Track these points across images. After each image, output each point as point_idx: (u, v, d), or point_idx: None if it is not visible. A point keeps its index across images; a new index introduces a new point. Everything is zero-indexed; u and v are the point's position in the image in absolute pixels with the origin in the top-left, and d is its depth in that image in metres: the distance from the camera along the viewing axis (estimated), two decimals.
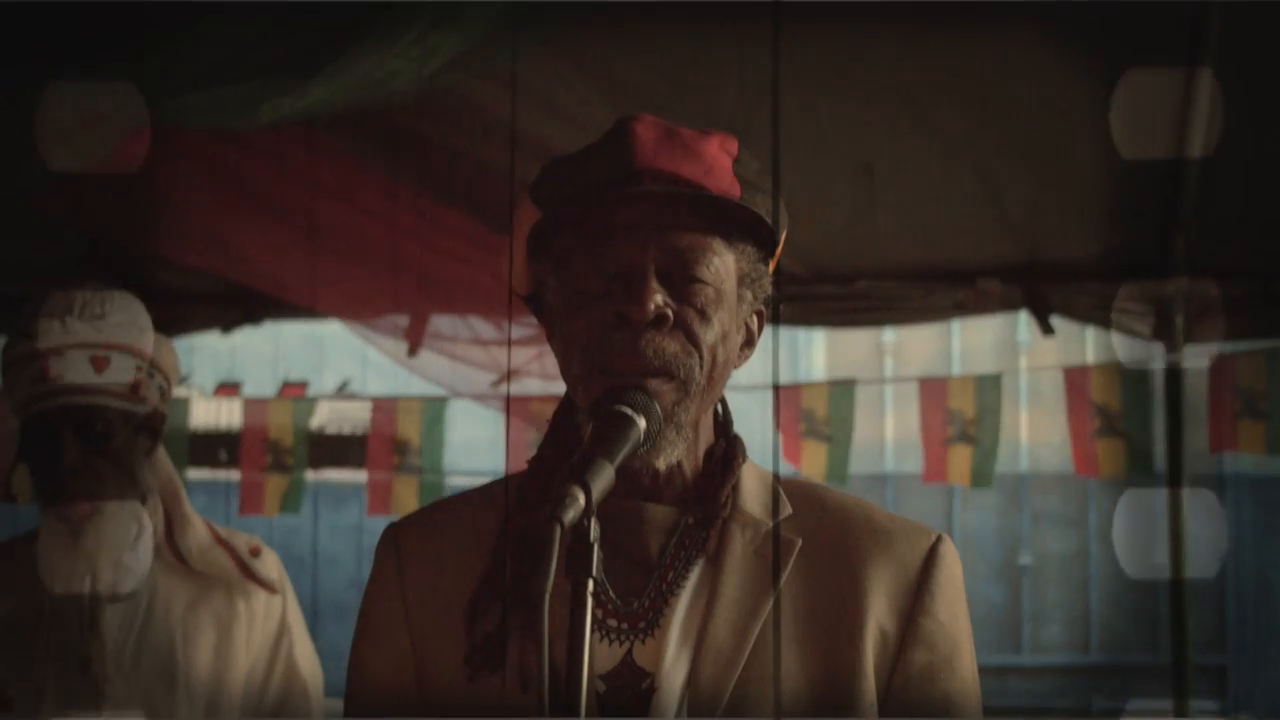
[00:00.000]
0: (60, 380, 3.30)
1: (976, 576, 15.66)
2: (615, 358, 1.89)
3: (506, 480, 2.07)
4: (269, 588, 3.50)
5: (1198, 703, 6.29)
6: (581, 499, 1.70)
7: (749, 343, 2.05)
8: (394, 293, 5.32)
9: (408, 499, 5.93)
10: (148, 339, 3.42)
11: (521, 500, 1.98)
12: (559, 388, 2.02)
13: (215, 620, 3.45)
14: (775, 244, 2.02)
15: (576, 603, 1.67)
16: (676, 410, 1.92)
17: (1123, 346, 5.91)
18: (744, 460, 2.04)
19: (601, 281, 1.92)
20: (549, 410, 2.07)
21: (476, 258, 4.87)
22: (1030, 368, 13.90)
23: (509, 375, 5.41)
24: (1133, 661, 15.18)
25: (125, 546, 3.37)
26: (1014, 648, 15.50)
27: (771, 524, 2.00)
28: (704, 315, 1.93)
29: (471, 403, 5.79)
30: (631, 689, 1.89)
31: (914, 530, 2.04)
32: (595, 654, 1.90)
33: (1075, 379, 5.46)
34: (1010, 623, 15.66)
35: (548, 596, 1.62)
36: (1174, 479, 5.37)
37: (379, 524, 2.38)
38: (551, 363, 2.01)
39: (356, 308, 5.47)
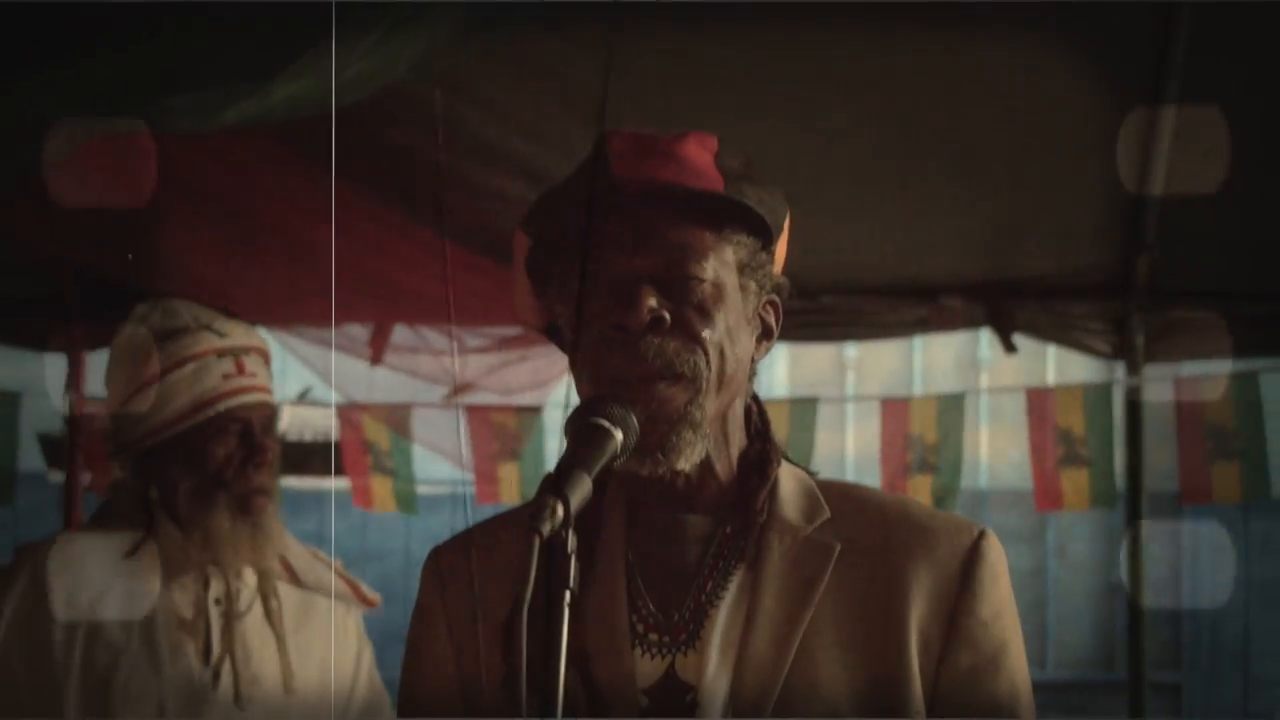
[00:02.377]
0: (254, 379, 3.45)
1: None
2: (618, 366, 1.89)
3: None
4: (370, 601, 3.58)
5: None
6: (560, 510, 1.70)
7: (767, 334, 2.06)
8: (351, 303, 5.30)
9: (385, 499, 5.93)
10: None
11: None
12: (516, 400, 2.02)
13: (323, 632, 3.50)
14: (770, 230, 2.01)
15: (555, 614, 1.68)
16: (690, 409, 1.92)
17: (1085, 365, 5.92)
18: (779, 464, 2.03)
19: (599, 298, 1.92)
20: (508, 421, 2.06)
21: (438, 268, 4.85)
22: (992, 385, 13.93)
23: (456, 389, 5.40)
24: (1089, 678, 15.22)
25: (278, 549, 3.51)
26: None
27: (809, 529, 1.98)
28: (703, 311, 1.93)
29: (433, 411, 5.77)
30: (676, 702, 1.88)
31: (955, 526, 2.03)
32: (637, 668, 1.90)
33: (1037, 399, 5.46)
34: None
35: (525, 607, 1.63)
36: (1133, 500, 5.37)
37: (341, 531, 2.38)
38: (511, 375, 2.01)
39: (312, 319, 5.45)
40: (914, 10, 3.97)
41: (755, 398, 2.08)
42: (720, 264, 1.95)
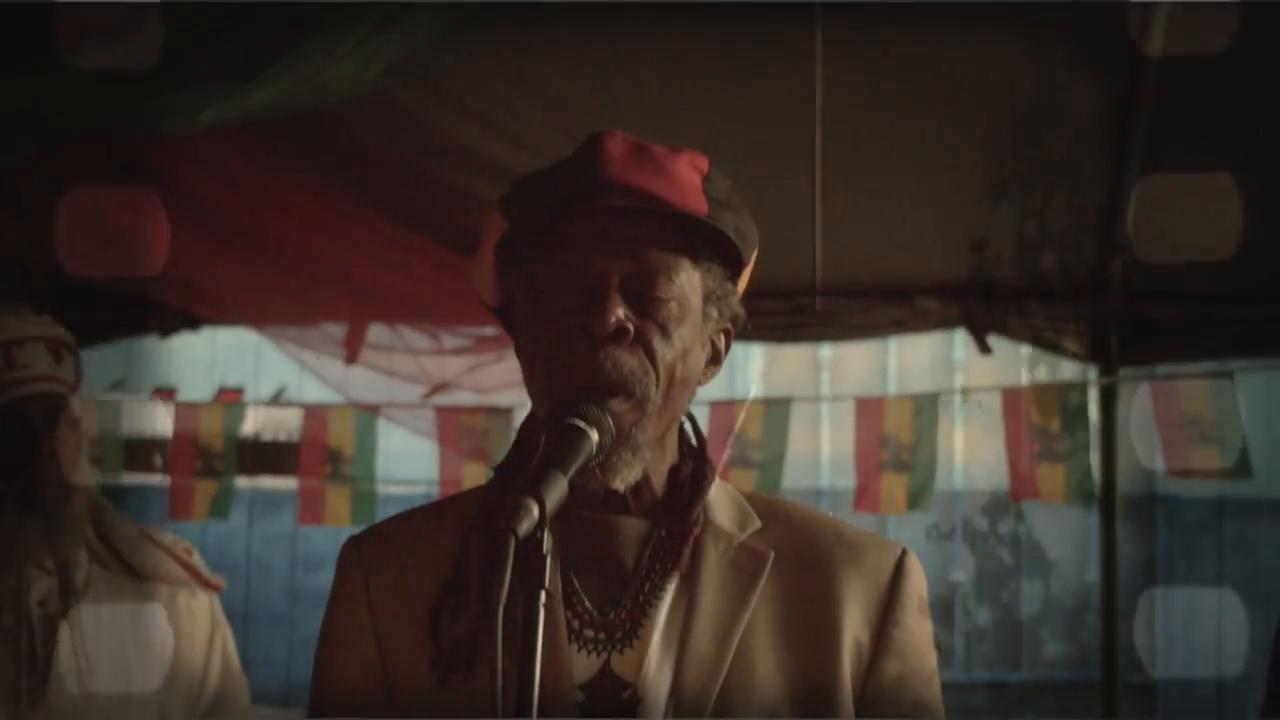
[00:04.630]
0: (30, 369, 3.32)
1: None
2: (573, 370, 1.90)
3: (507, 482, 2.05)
4: (214, 585, 3.51)
5: None
6: (535, 510, 1.71)
7: (715, 360, 2.06)
8: (328, 302, 5.29)
9: (339, 508, 5.89)
10: (72, 339, 3.44)
11: (486, 510, 1.99)
12: (492, 400, 2.02)
13: (162, 623, 3.44)
14: (741, 263, 2.02)
15: (529, 612, 1.70)
16: (634, 431, 1.93)
17: (1059, 367, 5.94)
18: (714, 477, 2.04)
19: (566, 294, 1.92)
20: (478, 422, 2.07)
21: (415, 267, 4.85)
22: (966, 387, 13.96)
23: (435, 387, 5.39)
24: (1063, 679, 15.26)
25: (80, 539, 3.40)
26: (945, 664, 15.53)
27: (742, 536, 2.01)
28: (665, 332, 1.94)
29: (404, 411, 5.76)
30: (611, 699, 1.89)
31: (880, 543, 2.07)
32: (573, 664, 1.92)
33: (1012, 399, 5.47)
34: (942, 639, 15.72)
35: (501, 607, 1.64)
36: (1107, 500, 5.39)
37: (312, 532, 2.38)
38: (485, 375, 2.01)
39: (288, 317, 5.44)
40: (892, 11, 3.98)
41: (690, 416, 2.08)
42: (689, 287, 1.96)
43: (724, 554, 1.99)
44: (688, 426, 2.07)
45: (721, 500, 2.05)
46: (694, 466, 2.04)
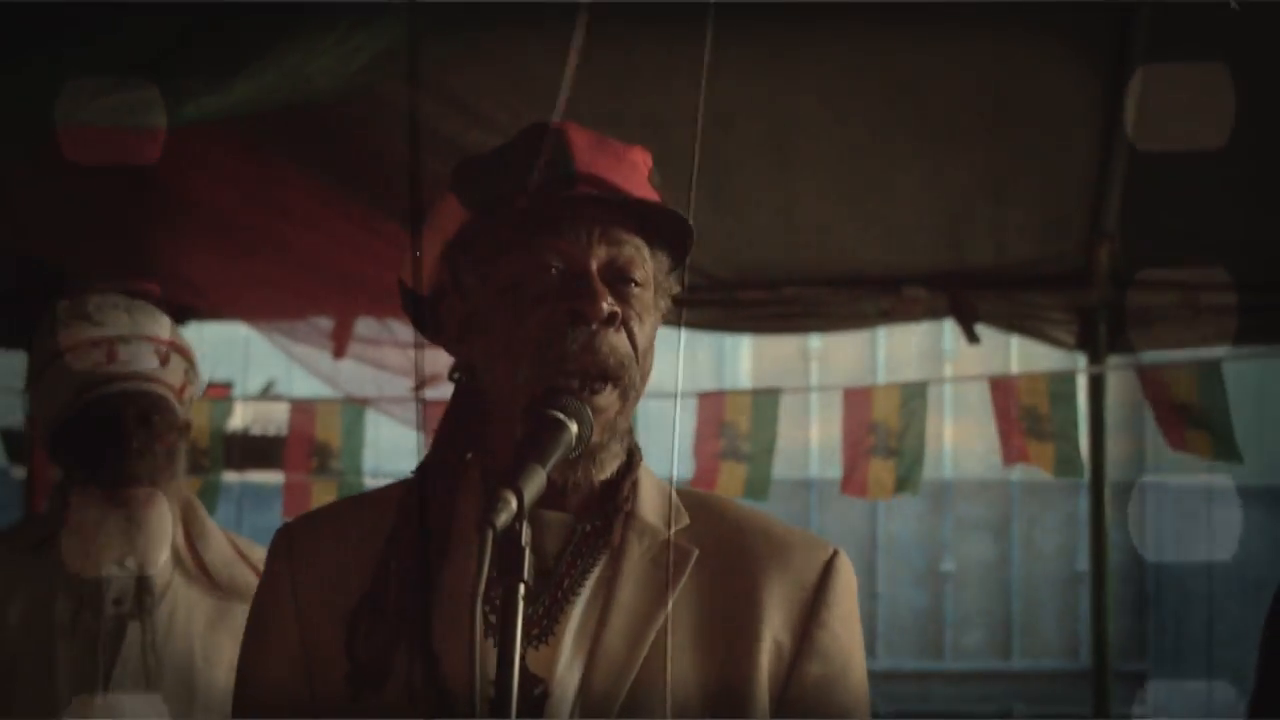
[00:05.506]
0: (129, 366, 3.30)
1: (899, 582, 15.73)
2: (571, 356, 1.89)
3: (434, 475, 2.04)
4: None
5: (1118, 709, 6.33)
6: (514, 503, 1.70)
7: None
8: (316, 296, 5.29)
9: (326, 502, 5.88)
10: (190, 347, 3.44)
11: (404, 514, 1.98)
12: None
13: (236, 637, 3.43)
14: (685, 255, 2.03)
15: (508, 606, 1.69)
16: (619, 420, 1.93)
17: (1048, 356, 5.94)
18: (639, 466, 2.03)
19: (542, 281, 1.91)
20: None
21: (402, 260, 4.84)
22: (955, 376, 13.97)
23: (422, 381, 5.38)
24: (1054, 668, 15.29)
25: (165, 540, 3.36)
26: (936, 654, 15.56)
27: (668, 533, 1.99)
28: (640, 319, 1.95)
29: (392, 404, 5.76)
30: (522, 695, 1.83)
31: (810, 543, 2.04)
32: (487, 659, 1.85)
33: (1000, 388, 5.47)
34: (933, 629, 15.73)
35: (479, 600, 1.63)
36: (1096, 487, 5.39)
37: None
38: None
39: (277, 311, 5.43)
40: (878, 3, 3.99)
41: None
42: (648, 276, 1.97)
43: (647, 550, 1.98)
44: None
45: (652, 495, 2.03)
46: (626, 460, 2.02)
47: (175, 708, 3.31)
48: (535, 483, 1.74)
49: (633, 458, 2.02)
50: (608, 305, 1.90)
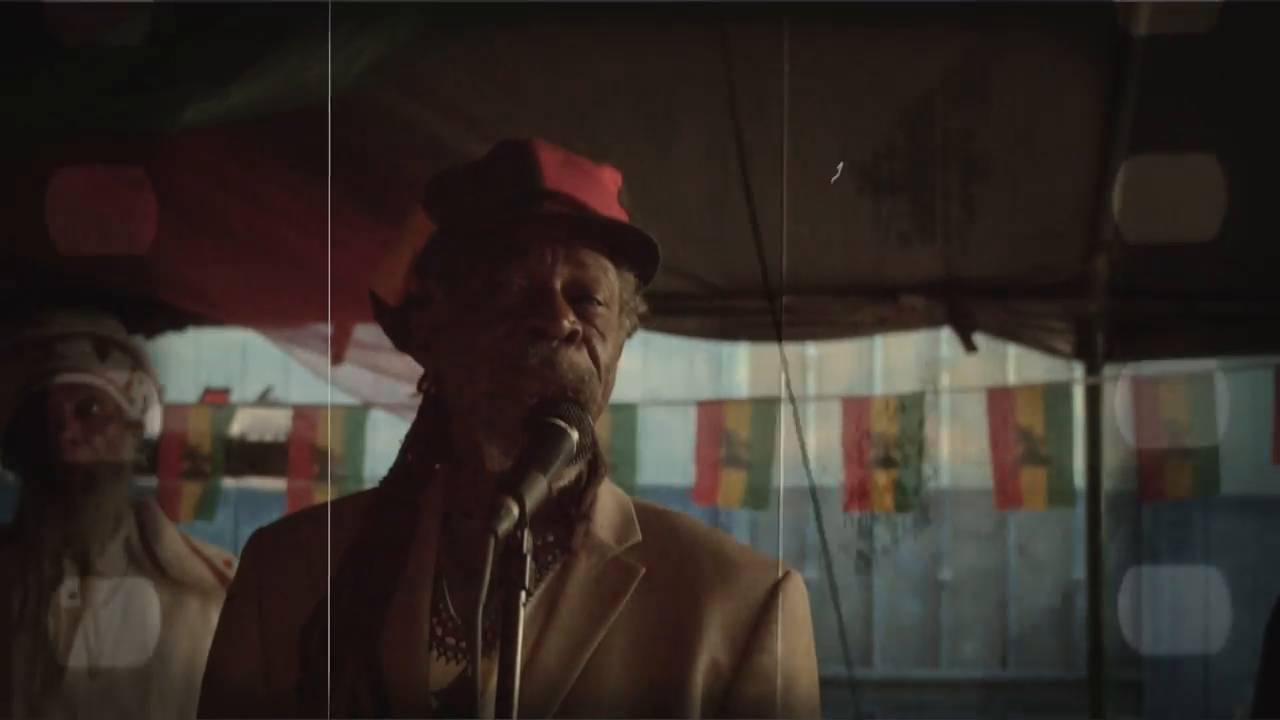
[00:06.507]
0: (65, 361, 3.38)
1: (896, 591, 15.71)
2: (530, 374, 1.91)
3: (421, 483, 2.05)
4: None
5: (1113, 719, 6.32)
6: (515, 511, 1.72)
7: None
8: (317, 302, 5.28)
9: None
10: (139, 345, 3.47)
11: (374, 519, 2.00)
12: None
13: (190, 630, 3.45)
14: (652, 276, 2.06)
15: (509, 614, 1.70)
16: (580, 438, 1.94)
17: (1045, 365, 5.94)
18: (600, 483, 2.04)
19: (507, 297, 1.93)
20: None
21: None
22: (952, 385, 13.95)
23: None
24: (1050, 677, 15.27)
25: (110, 532, 3.40)
26: (932, 663, 15.56)
27: (618, 550, 2.00)
28: (603, 336, 1.97)
29: (393, 410, 5.76)
30: (467, 707, 1.87)
31: (761, 564, 2.04)
32: (431, 671, 1.92)
33: (998, 398, 5.47)
34: (929, 638, 15.72)
35: (481, 609, 1.66)
36: (1093, 498, 5.39)
37: None
38: None
39: (278, 317, 5.43)
40: (876, 10, 3.98)
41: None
42: (613, 295, 1.99)
43: (594, 566, 1.99)
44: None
45: (609, 509, 2.04)
46: (589, 472, 2.03)
47: (130, 700, 3.34)
48: (536, 491, 1.76)
49: (596, 471, 2.03)
50: (569, 323, 1.91)
